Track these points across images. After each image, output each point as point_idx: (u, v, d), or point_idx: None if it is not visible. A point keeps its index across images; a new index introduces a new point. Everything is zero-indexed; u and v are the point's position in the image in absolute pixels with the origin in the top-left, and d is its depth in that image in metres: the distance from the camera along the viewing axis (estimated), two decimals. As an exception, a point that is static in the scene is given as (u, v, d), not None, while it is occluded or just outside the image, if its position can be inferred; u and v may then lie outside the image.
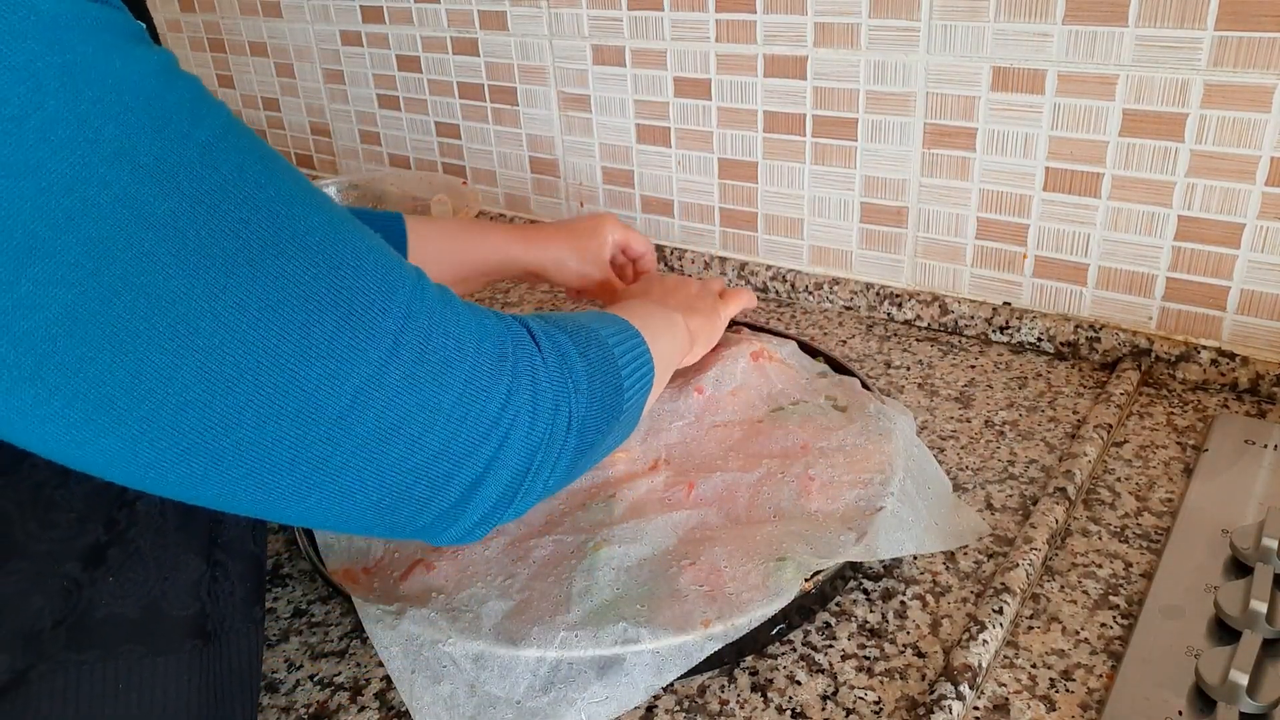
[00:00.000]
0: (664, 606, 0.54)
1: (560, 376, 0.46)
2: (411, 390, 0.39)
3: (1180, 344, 0.80)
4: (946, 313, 0.91)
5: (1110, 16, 0.74)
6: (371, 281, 0.38)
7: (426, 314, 0.40)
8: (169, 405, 0.33)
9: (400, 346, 0.38)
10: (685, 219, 1.06)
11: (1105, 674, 0.53)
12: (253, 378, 0.34)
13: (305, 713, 0.54)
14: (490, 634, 0.53)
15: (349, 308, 0.37)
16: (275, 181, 0.36)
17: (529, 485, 0.44)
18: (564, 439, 0.45)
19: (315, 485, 0.38)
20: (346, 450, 0.38)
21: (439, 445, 0.40)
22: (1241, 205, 0.74)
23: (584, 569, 0.57)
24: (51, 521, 0.40)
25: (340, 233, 0.38)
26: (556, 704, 0.50)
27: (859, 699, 0.52)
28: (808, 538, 0.58)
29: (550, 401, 0.44)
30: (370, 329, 0.37)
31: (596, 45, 1.04)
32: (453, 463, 0.41)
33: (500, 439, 0.42)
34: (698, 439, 0.69)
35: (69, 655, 0.40)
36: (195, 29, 1.51)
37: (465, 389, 0.41)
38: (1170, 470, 0.69)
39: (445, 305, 0.42)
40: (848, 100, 0.89)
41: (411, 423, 0.39)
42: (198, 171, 0.33)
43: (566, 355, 0.47)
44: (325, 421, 0.37)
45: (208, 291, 0.33)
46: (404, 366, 0.38)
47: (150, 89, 0.32)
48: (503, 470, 0.43)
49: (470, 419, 0.41)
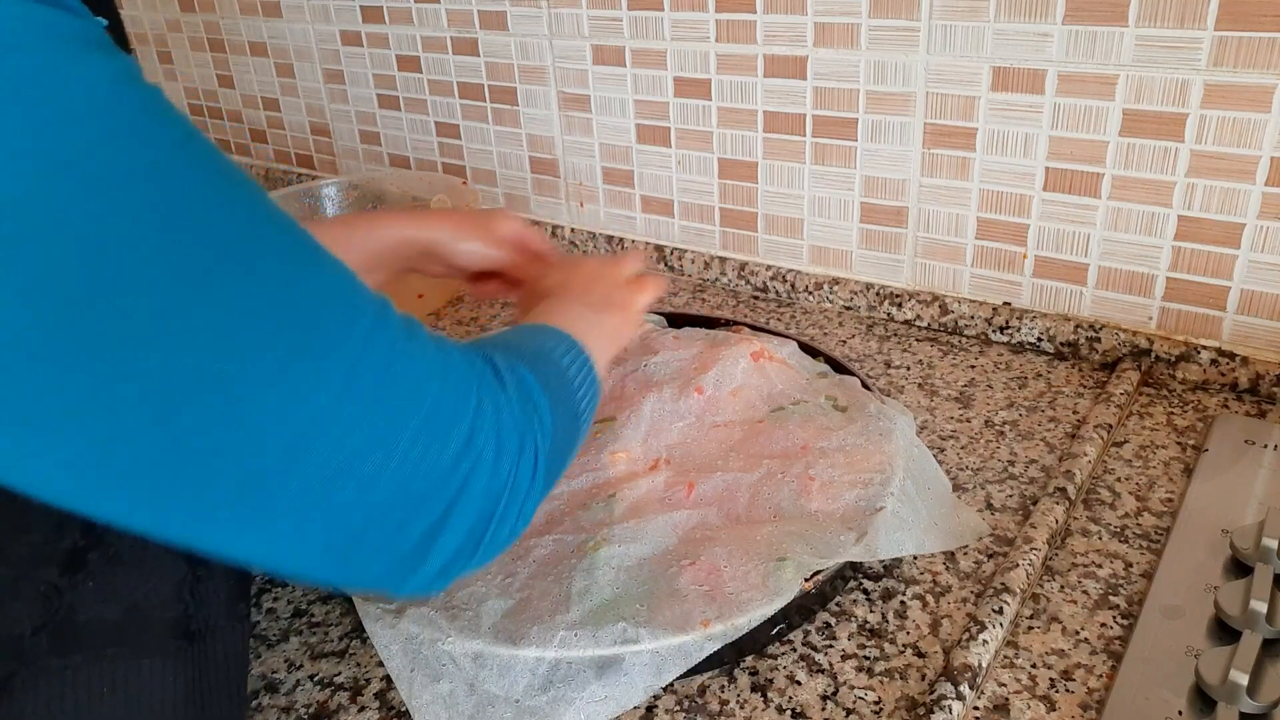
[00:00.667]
0: (663, 606, 0.54)
1: (525, 414, 0.43)
2: (366, 425, 0.36)
3: (1180, 344, 0.80)
4: (946, 313, 0.91)
5: (1110, 16, 0.74)
6: (329, 309, 0.36)
7: (387, 346, 0.38)
8: (108, 429, 0.31)
9: (356, 379, 0.36)
10: (685, 219, 1.06)
11: (1105, 674, 0.53)
12: (197, 404, 0.32)
13: (305, 713, 0.54)
14: (489, 633, 0.53)
15: (303, 335, 0.35)
16: (234, 199, 0.34)
17: (494, 531, 0.42)
18: (530, 481, 0.43)
19: (261, 523, 0.36)
20: (295, 487, 0.35)
21: (395, 486, 0.37)
22: (1241, 205, 0.74)
23: (584, 568, 0.57)
24: (27, 527, 0.39)
25: (300, 256, 0.36)
26: (555, 703, 0.50)
27: (859, 699, 0.52)
28: (807, 538, 0.58)
29: (515, 441, 0.42)
30: (325, 359, 0.35)
31: (596, 45, 1.04)
32: (410, 506, 0.38)
33: (461, 481, 0.39)
34: (698, 439, 0.69)
35: (51, 660, 0.40)
36: (195, 29, 1.51)
37: (424, 426, 0.38)
38: (1170, 470, 0.69)
39: (408, 338, 0.40)
40: (848, 100, 0.89)
41: (365, 461, 0.36)
42: (149, 185, 0.31)
43: (530, 391, 0.45)
44: (273, 454, 0.34)
45: (153, 310, 0.31)
46: (359, 401, 0.36)
47: (103, 98, 0.31)
48: (465, 515, 0.40)
49: (429, 458, 0.38)
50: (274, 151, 1.52)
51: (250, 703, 0.55)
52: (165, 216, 0.31)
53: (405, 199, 1.13)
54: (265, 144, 1.53)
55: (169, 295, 0.31)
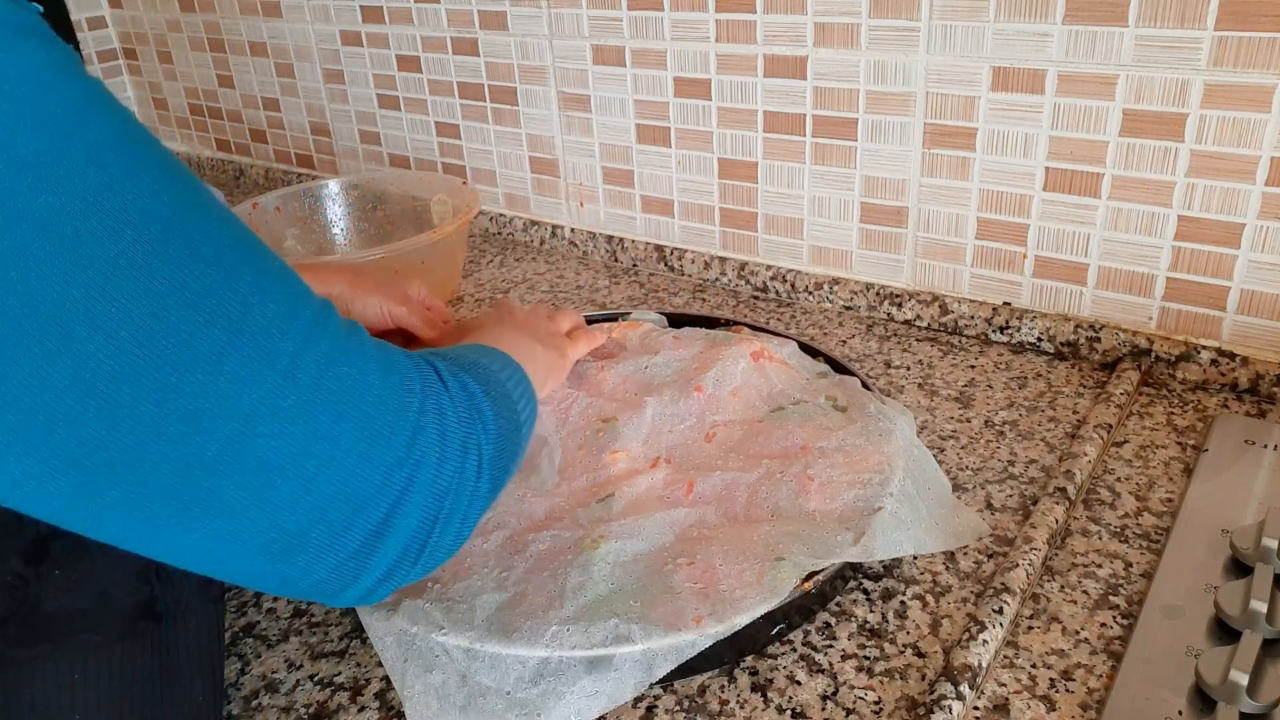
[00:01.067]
0: (657, 603, 0.54)
1: (469, 416, 0.43)
2: (307, 420, 0.36)
3: (1180, 344, 0.80)
4: (946, 313, 0.91)
5: (1110, 16, 0.74)
6: (270, 300, 0.35)
7: (328, 341, 0.37)
8: (37, 415, 0.31)
9: (298, 370, 0.35)
10: (685, 219, 1.06)
11: (1105, 674, 0.53)
12: (131, 390, 0.31)
13: (305, 713, 0.54)
14: (483, 625, 0.54)
15: (242, 323, 0.34)
16: (172, 189, 0.34)
17: (438, 535, 0.41)
18: (475, 483, 0.42)
19: (198, 520, 0.35)
20: (234, 482, 0.34)
21: (336, 485, 0.37)
22: (1241, 205, 0.74)
23: (579, 564, 0.57)
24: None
25: (240, 249, 0.36)
26: (545, 696, 0.51)
27: (859, 699, 0.52)
28: (804, 538, 0.58)
29: (459, 442, 0.41)
30: (265, 348, 0.35)
31: (596, 45, 1.04)
32: (352, 506, 0.37)
33: (405, 481, 0.39)
34: (697, 439, 0.69)
35: (19, 651, 0.40)
36: (195, 29, 1.51)
37: (367, 423, 0.37)
38: (1170, 470, 0.69)
39: (350, 336, 0.39)
40: (848, 100, 0.89)
41: (306, 457, 0.36)
42: (82, 169, 0.31)
43: (473, 395, 0.44)
44: (211, 446, 0.33)
45: (84, 293, 0.30)
46: (300, 392, 0.35)
47: (35, 82, 0.30)
48: (409, 516, 0.39)
49: (372, 457, 0.38)
50: (274, 151, 1.52)
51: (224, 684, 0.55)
52: (101, 199, 0.31)
53: (405, 199, 1.13)
54: (265, 144, 1.53)
55: (102, 275, 0.31)
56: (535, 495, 0.64)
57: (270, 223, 1.09)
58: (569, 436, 0.70)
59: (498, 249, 1.21)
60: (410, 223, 1.13)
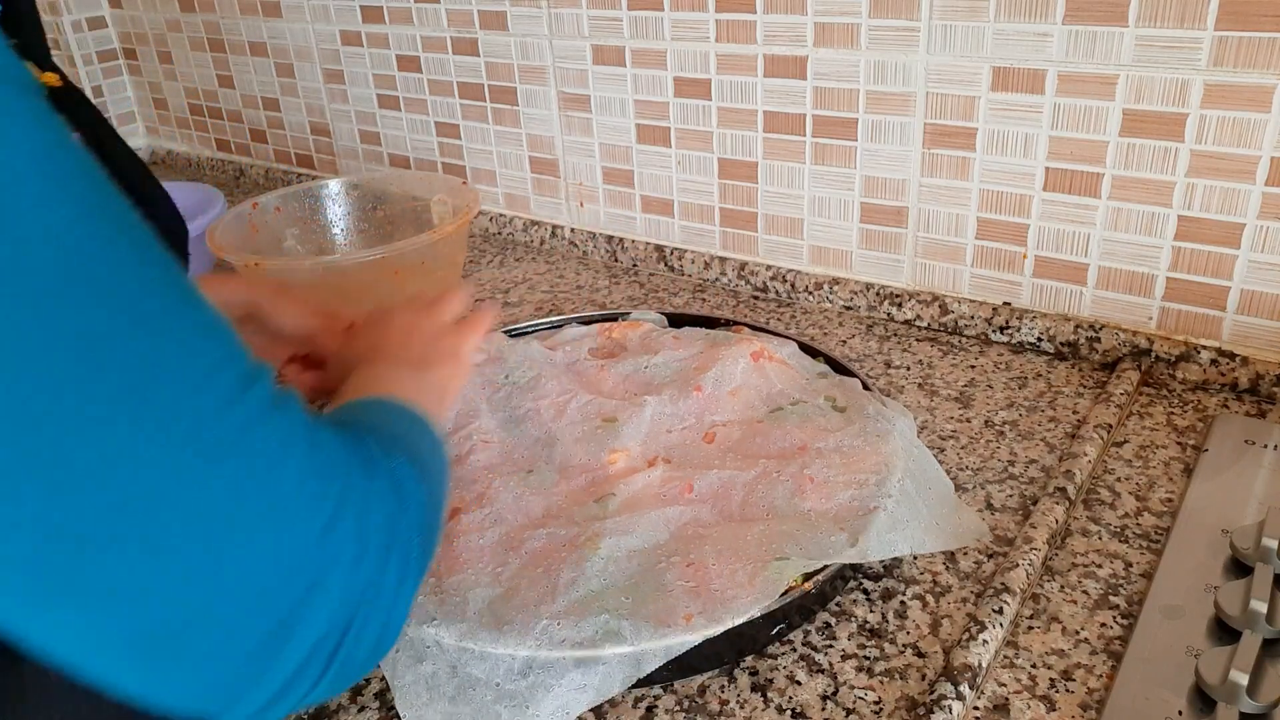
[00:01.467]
0: (649, 600, 0.54)
1: (398, 509, 0.38)
2: (202, 494, 0.31)
3: (1180, 344, 0.80)
4: (946, 313, 0.91)
5: (1110, 16, 0.74)
6: (187, 354, 0.31)
7: (250, 407, 0.33)
8: None
9: (202, 436, 0.31)
10: (685, 219, 1.06)
11: (1105, 674, 0.53)
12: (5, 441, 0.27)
13: (305, 713, 0.54)
14: (474, 618, 0.54)
15: (143, 376, 0.30)
16: (93, 217, 0.30)
17: (349, 648, 0.35)
18: (396, 588, 0.37)
19: (58, 598, 0.29)
20: (106, 558, 0.29)
21: (232, 574, 0.31)
22: (1241, 205, 0.74)
23: (573, 560, 0.57)
24: None
25: (162, 295, 0.31)
26: (534, 689, 0.51)
27: (859, 699, 0.52)
28: (799, 538, 0.58)
29: (382, 540, 0.36)
30: (167, 408, 0.30)
31: (596, 45, 1.04)
32: (245, 603, 0.32)
33: (312, 580, 0.33)
34: (697, 439, 0.69)
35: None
36: (195, 29, 1.51)
37: (275, 507, 0.32)
38: (1170, 470, 0.69)
39: (277, 406, 0.34)
40: (848, 100, 0.89)
41: (193, 540, 0.30)
42: None
43: (403, 482, 0.39)
44: (85, 514, 0.29)
45: None
46: (200, 462, 0.31)
47: None
48: (311, 625, 0.33)
49: (275, 548, 0.32)
50: (274, 151, 1.52)
51: None
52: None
53: (405, 199, 1.13)
54: (265, 144, 1.53)
55: None
56: (533, 493, 0.64)
57: (270, 223, 1.09)
58: (568, 435, 0.70)
59: (498, 249, 1.21)
60: (410, 223, 1.13)
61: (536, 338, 0.83)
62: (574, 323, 0.87)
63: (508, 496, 0.64)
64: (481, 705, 0.51)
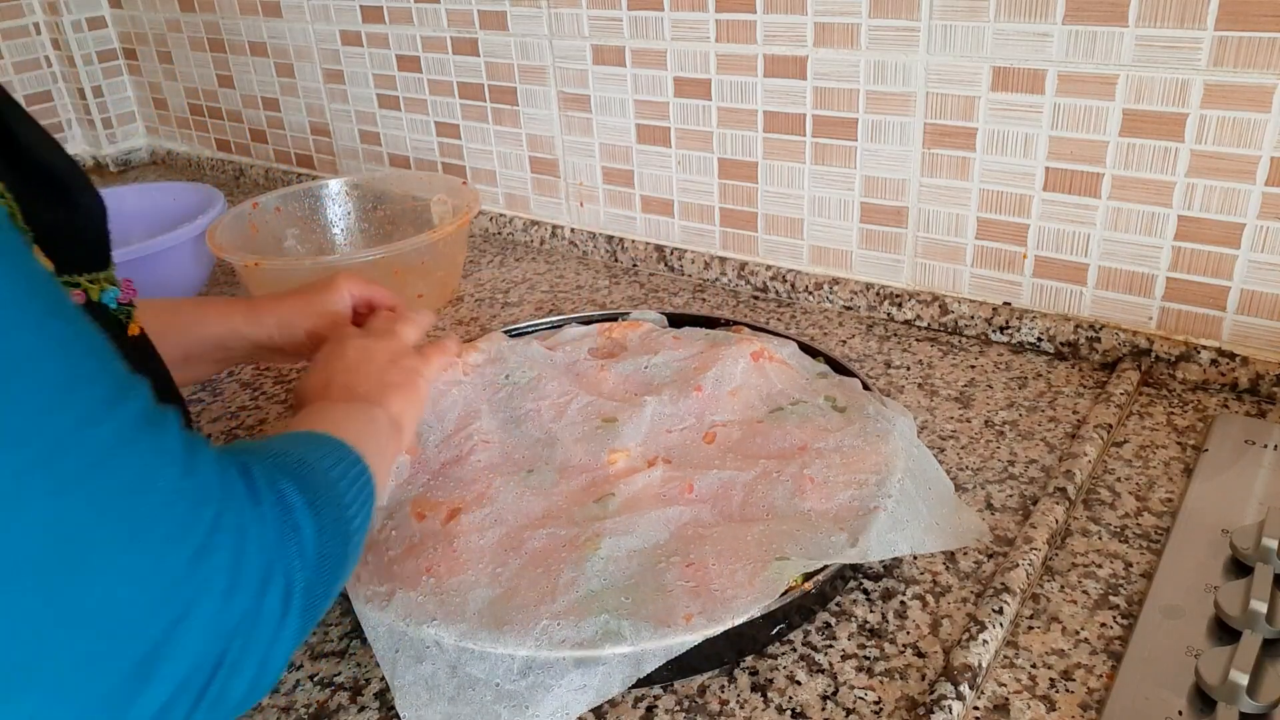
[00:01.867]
0: (648, 600, 0.54)
1: (280, 538, 0.36)
2: (58, 514, 0.29)
3: (1180, 344, 0.80)
4: (946, 313, 0.91)
5: (1110, 16, 0.74)
6: (45, 368, 0.29)
7: (117, 425, 0.31)
8: None
9: (61, 454, 0.29)
10: (685, 219, 1.06)
11: (1105, 674, 0.53)
12: None
13: (305, 713, 0.54)
14: (474, 618, 0.54)
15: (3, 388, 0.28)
16: None
17: (221, 685, 0.32)
18: (279, 620, 0.35)
19: None
20: None
21: (87, 605, 0.29)
22: (1241, 205, 0.74)
23: (573, 560, 0.57)
24: None
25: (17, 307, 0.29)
26: (534, 689, 0.51)
27: (859, 699, 0.52)
28: (799, 538, 0.58)
29: (259, 570, 0.34)
30: (20, 423, 0.28)
31: (596, 45, 1.04)
32: (101, 637, 0.29)
33: (179, 611, 0.31)
34: (697, 439, 0.69)
35: None
36: (195, 29, 1.51)
37: (140, 531, 0.30)
38: (1170, 470, 0.69)
39: (146, 427, 0.32)
40: (848, 100, 0.89)
41: (55, 564, 0.28)
42: None
43: (290, 510, 0.37)
44: None
45: None
46: (56, 481, 0.29)
47: None
48: (178, 660, 0.31)
49: (138, 574, 0.30)
50: (274, 151, 1.52)
51: None
52: None
53: (405, 199, 1.13)
54: (265, 144, 1.53)
55: None
56: (533, 493, 0.64)
57: (270, 223, 1.09)
58: (568, 435, 0.70)
59: (498, 249, 1.21)
60: (410, 223, 1.13)
61: (536, 338, 0.83)
62: (574, 323, 0.87)
63: (508, 496, 0.64)
64: (481, 705, 0.51)
